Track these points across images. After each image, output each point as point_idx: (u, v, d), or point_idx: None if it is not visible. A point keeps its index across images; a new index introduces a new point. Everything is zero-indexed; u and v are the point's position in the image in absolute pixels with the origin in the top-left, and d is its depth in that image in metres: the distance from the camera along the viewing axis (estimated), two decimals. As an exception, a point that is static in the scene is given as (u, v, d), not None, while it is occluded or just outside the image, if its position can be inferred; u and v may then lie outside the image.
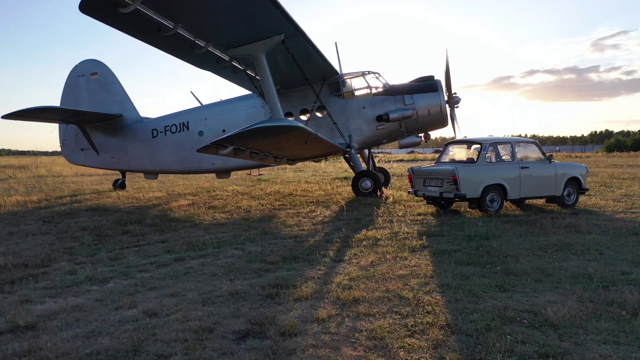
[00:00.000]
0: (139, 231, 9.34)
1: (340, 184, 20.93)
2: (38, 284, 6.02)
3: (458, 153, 12.58)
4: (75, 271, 6.50)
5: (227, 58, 13.48)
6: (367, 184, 15.80)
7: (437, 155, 58.92)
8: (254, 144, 12.66)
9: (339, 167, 32.46)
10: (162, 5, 9.98)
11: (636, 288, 5.38)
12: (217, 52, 13.05)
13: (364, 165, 18.81)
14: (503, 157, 11.81)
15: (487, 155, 11.56)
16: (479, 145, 11.66)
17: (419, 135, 18.35)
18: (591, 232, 8.73)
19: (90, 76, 18.76)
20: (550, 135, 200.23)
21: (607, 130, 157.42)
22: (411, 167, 12.52)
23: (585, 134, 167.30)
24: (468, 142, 12.33)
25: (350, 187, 16.95)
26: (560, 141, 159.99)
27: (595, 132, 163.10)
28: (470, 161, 11.64)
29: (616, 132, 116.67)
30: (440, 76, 17.20)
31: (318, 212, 11.76)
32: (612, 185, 18.38)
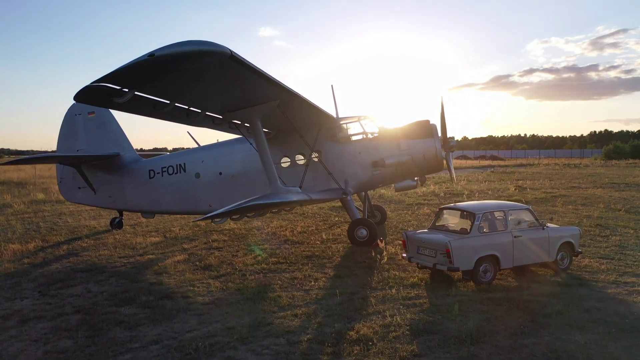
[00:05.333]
0: (132, 321, 9.42)
1: (337, 218, 21.06)
2: None
3: (451, 220, 12.63)
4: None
5: (222, 117, 13.55)
6: (363, 232, 15.83)
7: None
8: (250, 211, 12.77)
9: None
10: (157, 90, 10.02)
11: None
12: (213, 115, 13.12)
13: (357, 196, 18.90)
14: (496, 222, 11.91)
15: (480, 225, 11.64)
16: (472, 215, 11.72)
17: (415, 179, 18.46)
18: (581, 327, 8.85)
19: (87, 115, 18.79)
20: (549, 134, 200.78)
21: (606, 130, 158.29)
22: (405, 233, 12.60)
23: (585, 134, 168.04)
24: (461, 210, 12.38)
25: (345, 230, 17.00)
26: (560, 141, 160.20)
27: (595, 132, 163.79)
28: (463, 231, 11.70)
29: (615, 133, 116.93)
30: (435, 120, 17.26)
31: (313, 282, 11.86)
32: (608, 225, 18.50)
